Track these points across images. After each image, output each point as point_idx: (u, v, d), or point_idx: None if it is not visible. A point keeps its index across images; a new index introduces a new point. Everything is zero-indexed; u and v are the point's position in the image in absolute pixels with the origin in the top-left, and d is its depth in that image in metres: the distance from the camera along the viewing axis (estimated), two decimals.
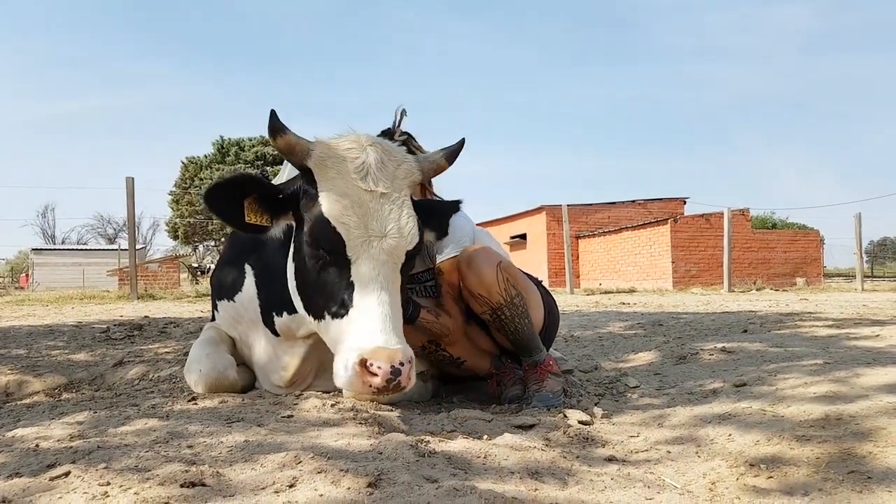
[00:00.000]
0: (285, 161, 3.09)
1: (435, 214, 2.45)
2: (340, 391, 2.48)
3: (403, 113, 2.74)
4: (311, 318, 2.24)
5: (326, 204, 2.12)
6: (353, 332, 2.03)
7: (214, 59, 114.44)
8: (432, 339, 2.61)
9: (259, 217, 2.26)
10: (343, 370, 1.96)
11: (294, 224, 2.28)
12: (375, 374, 1.88)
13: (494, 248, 2.87)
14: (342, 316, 2.08)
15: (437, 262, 2.62)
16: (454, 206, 2.55)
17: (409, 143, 2.67)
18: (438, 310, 2.60)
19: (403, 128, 2.76)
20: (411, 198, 2.29)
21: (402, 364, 1.90)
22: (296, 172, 2.90)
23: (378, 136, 2.62)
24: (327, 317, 2.15)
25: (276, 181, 3.19)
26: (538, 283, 2.93)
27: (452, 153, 2.45)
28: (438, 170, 2.43)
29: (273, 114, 2.18)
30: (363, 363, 1.90)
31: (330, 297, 2.13)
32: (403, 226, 2.15)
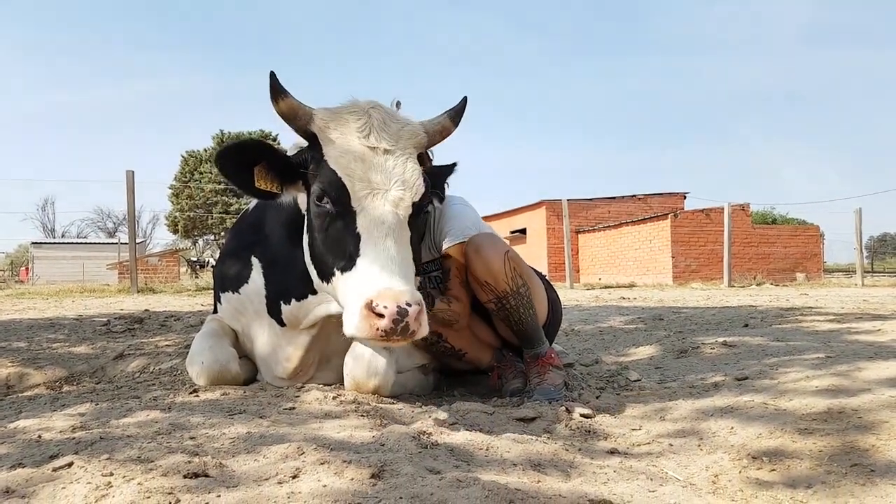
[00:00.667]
0: (289, 148, 3.08)
1: (433, 178, 2.42)
2: (342, 384, 2.49)
3: (398, 105, 2.73)
4: (325, 284, 2.22)
5: (331, 159, 2.14)
6: (359, 280, 2.01)
7: (214, 53, 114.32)
8: (434, 331, 2.60)
9: (269, 184, 2.26)
10: (351, 317, 1.93)
11: (305, 195, 2.27)
12: (382, 316, 1.84)
13: None
14: (350, 269, 2.06)
15: (444, 248, 2.61)
16: (449, 169, 2.56)
17: None
18: (448, 297, 2.59)
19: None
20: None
21: (408, 305, 1.86)
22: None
23: None
24: (336, 273, 2.13)
25: None
26: (542, 278, 2.93)
27: (457, 113, 2.43)
28: (444, 132, 2.40)
29: (273, 76, 2.17)
30: (368, 305, 1.86)
31: (338, 253, 2.12)
32: (408, 178, 2.14)
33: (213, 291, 3.06)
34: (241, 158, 2.22)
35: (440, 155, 2.72)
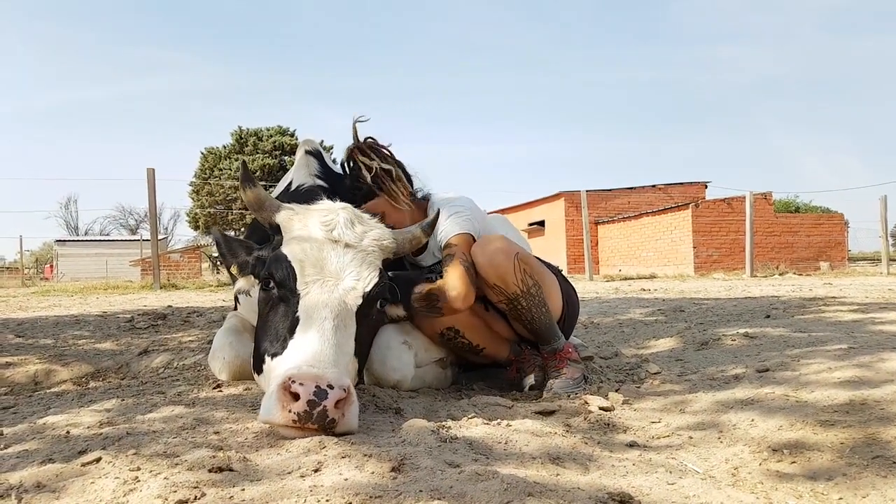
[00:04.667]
0: (297, 159, 3.11)
1: (399, 285, 2.41)
2: (361, 380, 2.50)
3: (357, 122, 2.75)
4: (258, 377, 2.16)
5: (286, 245, 2.15)
6: (284, 361, 1.88)
7: (233, 49, 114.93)
8: (451, 326, 2.62)
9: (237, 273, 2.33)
10: (265, 400, 1.73)
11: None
12: (297, 397, 1.63)
13: (511, 235, 2.86)
14: (281, 353, 1.93)
15: (447, 239, 2.60)
16: (415, 276, 2.56)
17: (357, 156, 2.69)
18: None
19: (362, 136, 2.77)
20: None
21: (330, 387, 1.65)
22: (302, 173, 2.94)
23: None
24: (267, 360, 2.01)
25: (283, 180, 3.24)
26: (557, 272, 2.93)
27: (429, 225, 2.46)
28: (414, 241, 2.40)
29: (244, 165, 2.27)
30: (284, 385, 1.66)
31: (273, 338, 2.02)
32: (364, 271, 2.11)
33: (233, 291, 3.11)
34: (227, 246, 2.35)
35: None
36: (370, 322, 2.18)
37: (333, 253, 2.10)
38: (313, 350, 1.83)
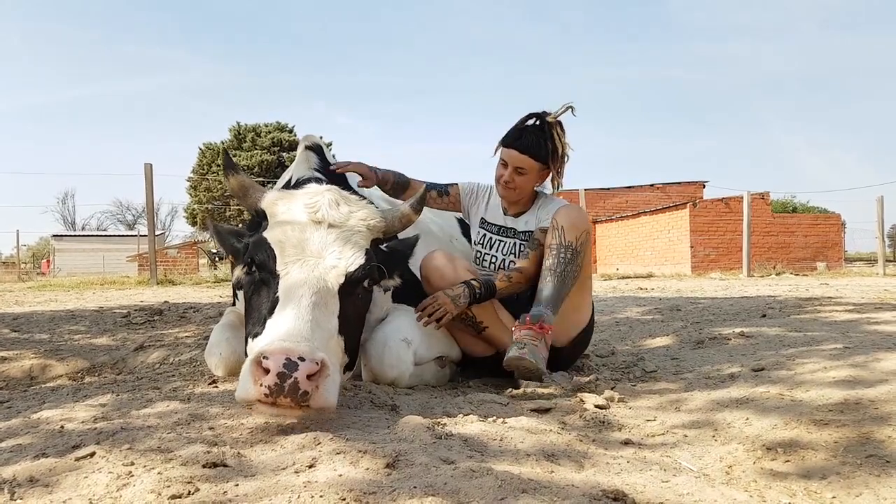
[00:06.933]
0: (298, 155, 3.11)
1: (393, 257, 2.45)
2: (359, 376, 2.51)
3: (570, 109, 2.84)
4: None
5: (269, 229, 2.15)
6: (261, 342, 1.86)
7: (230, 45, 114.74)
8: None
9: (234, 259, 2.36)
10: (240, 379, 1.73)
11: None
12: (267, 371, 1.62)
13: None
14: (260, 334, 1.92)
15: (546, 220, 2.82)
16: (409, 244, 2.58)
17: (558, 128, 2.82)
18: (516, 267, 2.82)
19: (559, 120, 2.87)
20: (377, 247, 2.34)
21: (301, 359, 1.63)
22: (302, 168, 2.94)
23: (532, 113, 2.81)
24: (249, 342, 2.02)
25: (283, 176, 3.24)
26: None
27: (418, 202, 2.50)
28: (404, 219, 2.44)
29: (225, 153, 2.31)
30: (256, 360, 1.66)
31: (256, 319, 2.02)
32: (346, 249, 2.10)
33: (231, 283, 3.11)
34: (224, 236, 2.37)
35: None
36: (357, 300, 2.17)
37: (316, 233, 2.10)
38: (287, 326, 1.82)
